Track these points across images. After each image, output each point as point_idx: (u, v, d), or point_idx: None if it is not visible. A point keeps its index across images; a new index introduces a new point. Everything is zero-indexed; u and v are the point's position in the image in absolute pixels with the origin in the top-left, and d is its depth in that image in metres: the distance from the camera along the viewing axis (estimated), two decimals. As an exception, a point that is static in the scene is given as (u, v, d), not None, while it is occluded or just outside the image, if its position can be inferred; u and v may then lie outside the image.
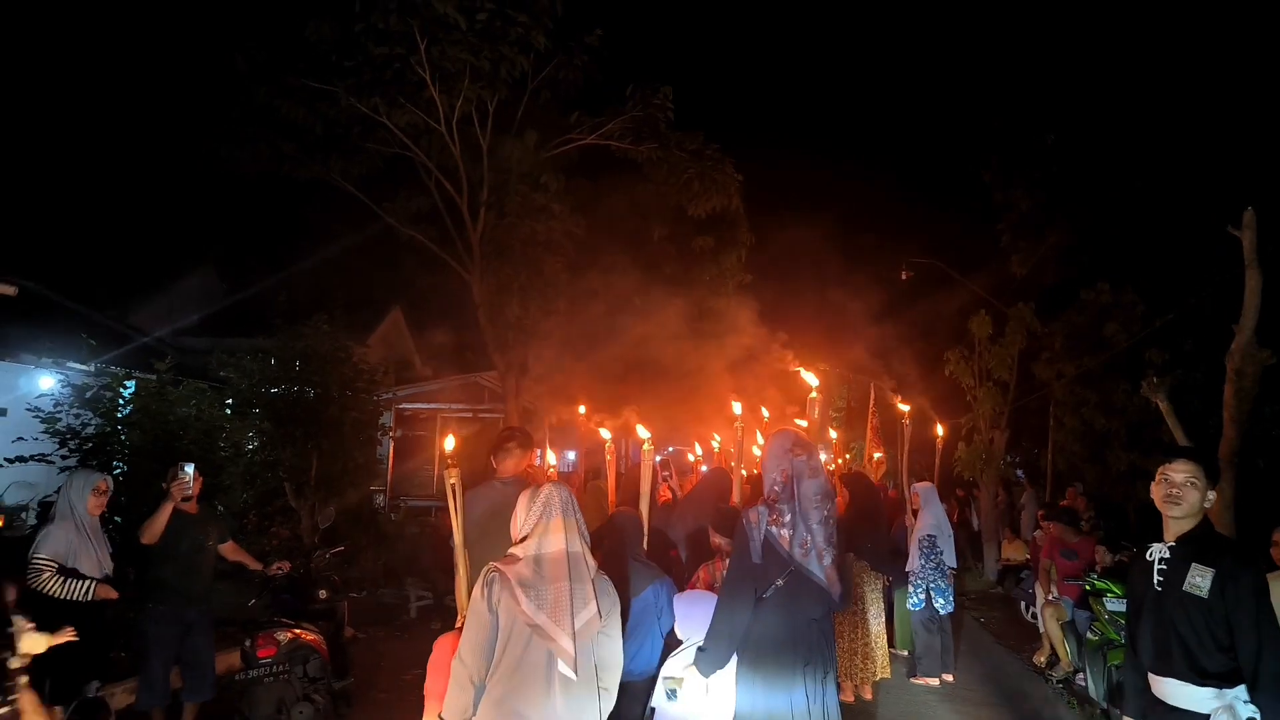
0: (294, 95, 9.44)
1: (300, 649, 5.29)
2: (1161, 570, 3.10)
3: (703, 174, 11.57)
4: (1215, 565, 2.94)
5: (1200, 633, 2.93)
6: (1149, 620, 3.14)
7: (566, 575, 2.77)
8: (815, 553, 3.38)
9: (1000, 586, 12.73)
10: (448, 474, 3.49)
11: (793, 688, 3.33)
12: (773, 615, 3.37)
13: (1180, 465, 3.11)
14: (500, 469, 4.26)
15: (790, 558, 3.37)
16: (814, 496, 3.44)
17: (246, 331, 14.39)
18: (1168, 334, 11.28)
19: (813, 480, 3.47)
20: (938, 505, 7.59)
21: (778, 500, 3.46)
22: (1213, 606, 2.90)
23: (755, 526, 3.43)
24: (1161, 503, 3.13)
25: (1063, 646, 7.44)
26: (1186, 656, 2.96)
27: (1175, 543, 3.10)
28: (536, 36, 9.38)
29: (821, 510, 3.44)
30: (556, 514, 2.85)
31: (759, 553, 3.39)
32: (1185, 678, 2.96)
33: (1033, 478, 15.78)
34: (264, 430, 9.75)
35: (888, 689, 7.07)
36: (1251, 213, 6.63)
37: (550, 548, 2.80)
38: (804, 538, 3.40)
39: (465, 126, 10.21)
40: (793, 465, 3.49)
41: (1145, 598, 3.18)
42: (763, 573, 3.38)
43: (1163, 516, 3.18)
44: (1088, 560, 7.44)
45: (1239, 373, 6.83)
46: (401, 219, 11.26)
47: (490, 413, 15.21)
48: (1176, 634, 2.98)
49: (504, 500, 3.94)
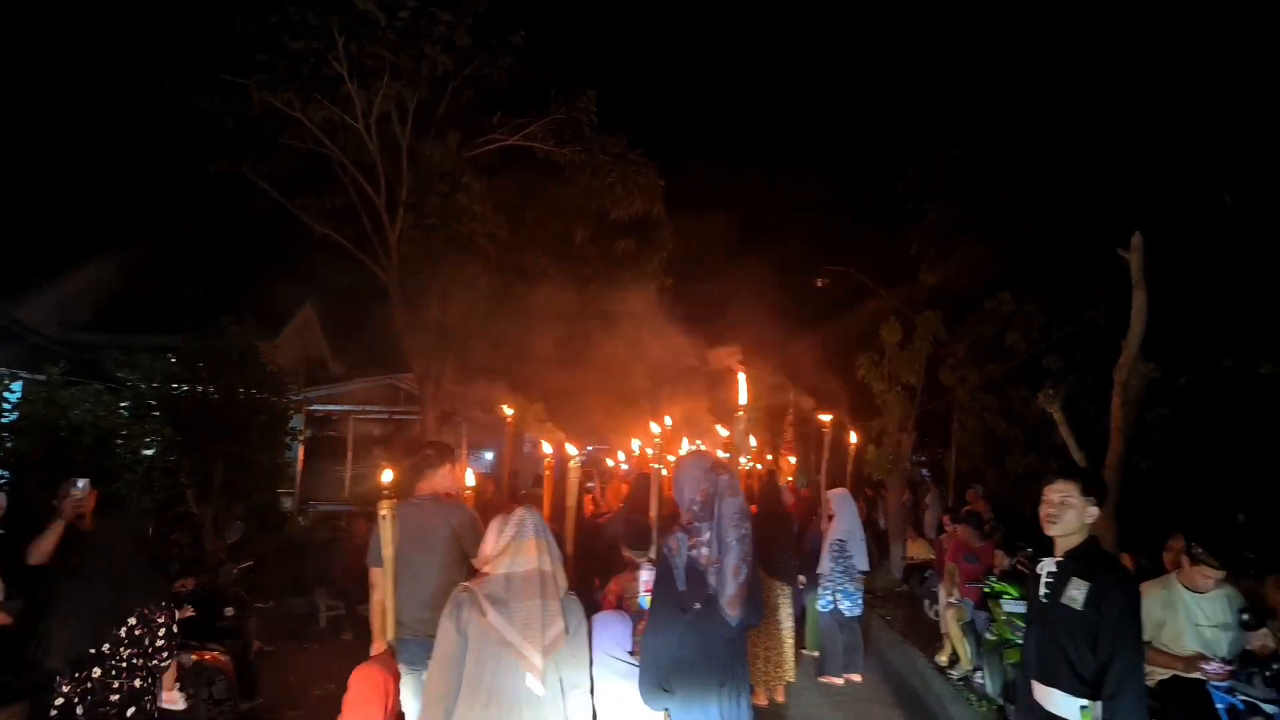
0: (204, 87, 9.06)
1: (205, 671, 5.11)
2: (1048, 583, 3.29)
3: (626, 178, 11.61)
4: (1091, 580, 3.13)
5: (1078, 644, 3.11)
6: (1035, 631, 3.35)
7: (538, 593, 2.82)
8: (729, 571, 3.40)
9: (905, 584, 13.19)
10: (380, 506, 3.48)
11: (707, 707, 3.36)
12: (690, 635, 3.38)
13: (1058, 485, 3.30)
14: (418, 487, 4.16)
15: (708, 574, 3.38)
16: (733, 515, 3.46)
17: (146, 328, 13.78)
18: (1064, 343, 11.88)
19: (733, 499, 3.50)
20: (851, 511, 7.83)
21: (694, 520, 3.47)
22: (1087, 619, 3.09)
23: (677, 554, 3.43)
24: (1043, 522, 3.33)
25: (962, 646, 7.79)
26: (1067, 666, 3.13)
27: (1062, 558, 3.28)
28: (460, 36, 9.25)
29: (740, 529, 3.46)
30: (530, 535, 2.91)
31: (684, 580, 3.40)
32: (1064, 687, 3.14)
33: (937, 478, 16.41)
34: (164, 434, 9.33)
35: (797, 691, 7.25)
36: (1139, 236, 7.05)
37: (522, 566, 2.85)
38: (717, 555, 3.42)
39: (384, 124, 9.99)
40: (715, 484, 3.51)
41: (1033, 609, 3.39)
42: (688, 597, 3.39)
43: None
44: (988, 564, 7.78)
45: (1125, 385, 7.27)
46: (316, 217, 10.93)
47: (407, 415, 14.91)
48: (1057, 645, 3.17)
49: (421, 521, 3.90)
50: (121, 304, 16.06)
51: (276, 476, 11.27)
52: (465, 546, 3.92)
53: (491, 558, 2.91)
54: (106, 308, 16.24)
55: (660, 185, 12.04)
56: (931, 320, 13.82)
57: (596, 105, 10.88)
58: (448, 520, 3.94)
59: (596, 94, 10.84)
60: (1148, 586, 4.47)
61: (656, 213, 12.85)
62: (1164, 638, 4.25)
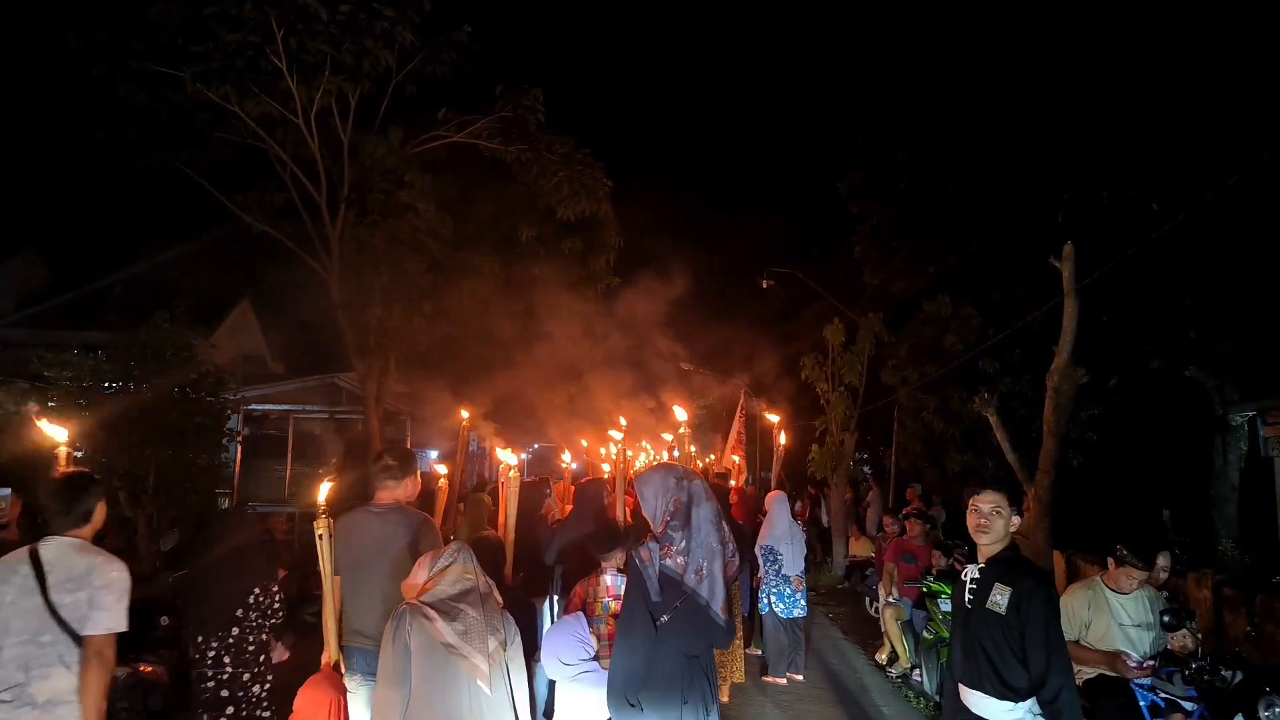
0: (134, 78, 8.76)
1: (140, 683, 4.97)
2: (971, 589, 3.38)
3: (573, 177, 11.56)
4: (1014, 585, 3.23)
5: (1001, 648, 3.21)
6: (960, 635, 3.44)
7: (479, 605, 2.89)
8: (710, 580, 3.43)
9: (847, 582, 13.44)
10: (317, 525, 3.48)
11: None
12: (657, 652, 3.39)
13: (987, 496, 3.39)
14: (379, 495, 4.01)
15: (682, 583, 3.41)
16: (712, 519, 3.52)
17: (75, 324, 13.29)
18: (999, 346, 12.23)
19: (708, 504, 3.55)
20: (784, 515, 7.91)
21: (668, 529, 3.48)
22: (1010, 623, 3.20)
23: (649, 565, 3.43)
24: (973, 531, 3.43)
25: (901, 644, 7.98)
26: (991, 670, 3.23)
27: (985, 564, 3.39)
28: (402, 32, 9.10)
29: (720, 532, 3.52)
30: (464, 562, 3.00)
31: (658, 590, 3.40)
32: (989, 690, 3.24)
33: (878, 476, 16.74)
34: (94, 436, 9.02)
35: (740, 690, 7.34)
36: (1070, 246, 7.28)
37: (460, 586, 2.93)
38: (699, 564, 3.43)
39: (325, 119, 9.79)
40: (689, 491, 3.53)
41: (959, 614, 3.49)
42: (660, 607, 3.40)
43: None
44: (926, 564, 7.98)
45: (1057, 390, 7.52)
46: (254, 213, 10.66)
47: (348, 415, 14.66)
48: (982, 649, 3.27)
49: (379, 532, 3.85)
50: (48, 299, 15.45)
51: (213, 477, 10.98)
52: None
53: (423, 584, 2.96)
54: (32, 303, 15.62)
55: (607, 185, 12.03)
56: (873, 322, 14.09)
57: (544, 103, 10.80)
58: (411, 531, 3.86)
59: (543, 92, 10.76)
60: (1073, 588, 4.64)
61: (603, 212, 12.84)
62: (1090, 637, 4.40)
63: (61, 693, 2.98)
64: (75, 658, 2.99)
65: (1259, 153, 7.26)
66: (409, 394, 12.87)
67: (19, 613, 3.00)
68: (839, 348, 14.23)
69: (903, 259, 14.78)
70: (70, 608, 3.01)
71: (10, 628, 3.00)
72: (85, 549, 3.13)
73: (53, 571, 3.04)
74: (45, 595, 3.00)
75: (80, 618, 3.00)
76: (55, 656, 2.99)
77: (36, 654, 2.98)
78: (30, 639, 2.98)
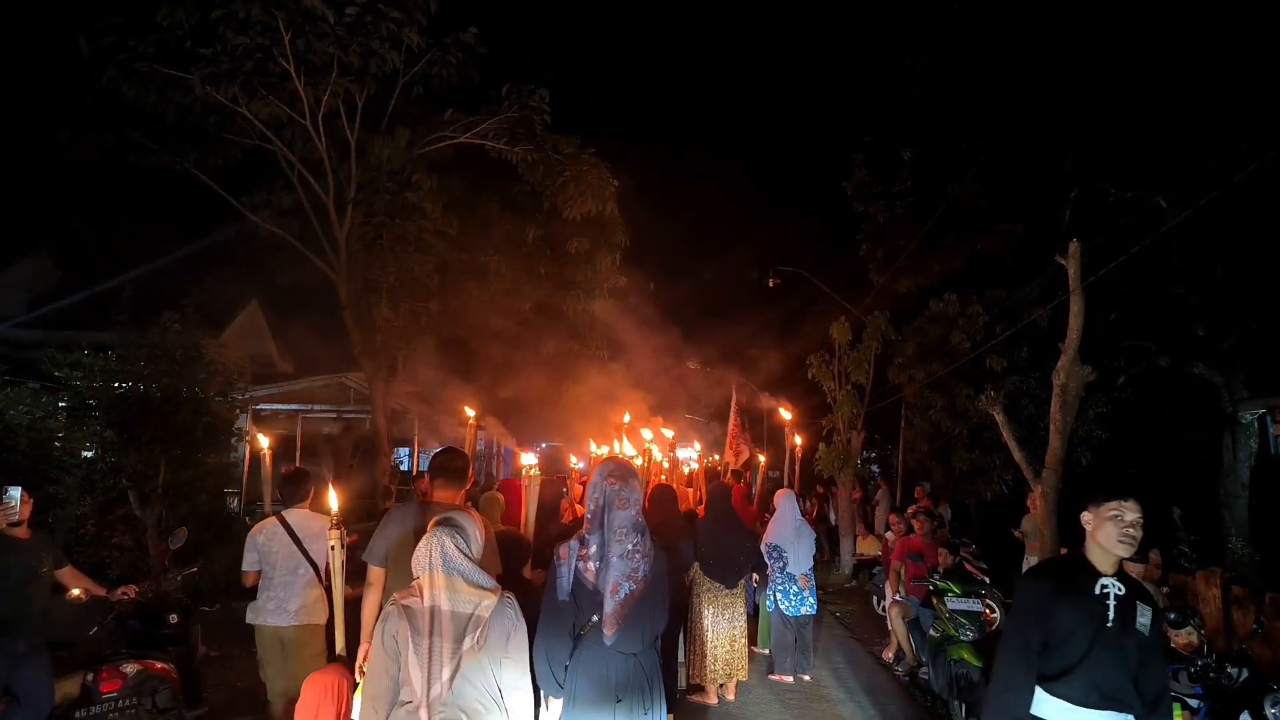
0: (143, 80, 8.82)
1: (149, 680, 5.00)
2: (1116, 608, 2.99)
3: (579, 177, 11.58)
4: (1151, 604, 3.01)
5: (1136, 669, 2.96)
6: (1097, 655, 2.98)
7: (428, 631, 2.77)
8: (607, 589, 3.23)
9: (855, 580, 13.43)
10: (331, 535, 3.58)
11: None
12: (586, 651, 3.27)
13: (1133, 505, 3.01)
14: (437, 494, 4.05)
15: (597, 591, 3.24)
16: (619, 528, 3.30)
17: (86, 325, 13.35)
18: (1007, 344, 12.20)
19: (622, 511, 3.32)
20: (791, 514, 7.90)
21: (589, 530, 3.33)
22: (1153, 644, 2.97)
23: (564, 562, 3.30)
24: (1116, 541, 3.00)
25: (908, 642, 7.97)
26: (1134, 689, 2.96)
27: (1114, 577, 3.03)
28: (409, 33, 9.14)
29: (625, 544, 3.28)
30: (424, 570, 2.84)
31: (568, 590, 3.27)
32: (1129, 710, 2.96)
33: (886, 475, 16.71)
34: (105, 436, 9.09)
35: (747, 689, 7.35)
36: (1076, 244, 7.26)
37: (425, 602, 2.80)
38: (602, 570, 3.26)
39: (332, 120, 9.85)
40: (604, 494, 3.34)
41: (1087, 633, 2.99)
42: (574, 609, 3.27)
43: (1090, 548, 3.09)
44: (932, 562, 7.96)
45: (1064, 387, 7.50)
46: (262, 214, 10.72)
47: (357, 414, 14.72)
48: (1128, 670, 2.96)
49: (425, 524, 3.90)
50: (59, 300, 15.56)
51: (223, 477, 11.04)
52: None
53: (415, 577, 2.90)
54: (42, 303, 15.74)
55: (613, 185, 12.04)
56: (880, 320, 14.07)
57: (551, 105, 10.83)
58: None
59: (549, 92, 10.79)
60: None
61: (609, 212, 12.87)
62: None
63: (307, 604, 4.97)
64: (315, 583, 5.01)
65: (1265, 149, 7.22)
66: (416, 393, 12.90)
67: (283, 556, 4.97)
68: (846, 346, 14.22)
69: (909, 258, 14.74)
70: (316, 552, 4.98)
71: (278, 565, 4.96)
72: (313, 516, 5.10)
73: (300, 529, 5.00)
74: (300, 544, 4.98)
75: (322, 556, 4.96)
76: (305, 583, 4.99)
77: (293, 581, 4.96)
78: (289, 572, 4.97)
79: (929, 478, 14.16)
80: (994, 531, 12.09)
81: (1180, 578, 8.37)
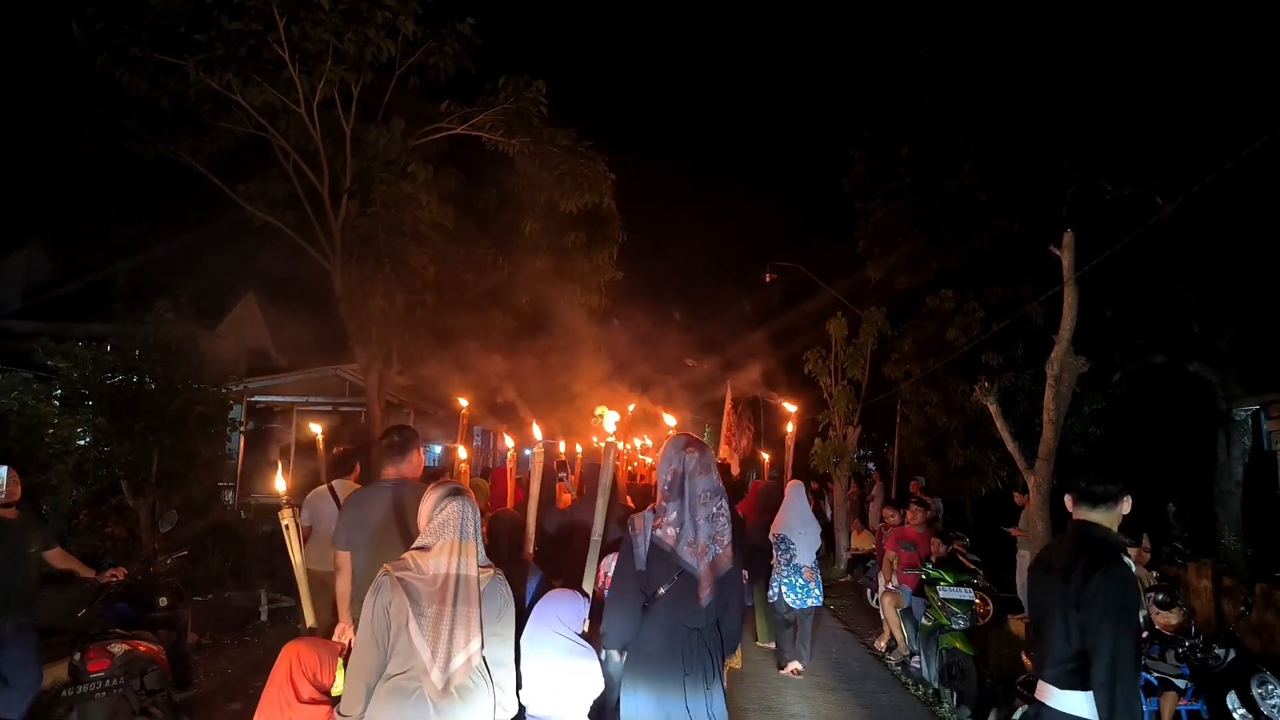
0: (137, 67, 8.78)
1: (137, 660, 4.98)
2: None
3: (575, 170, 11.53)
4: None
5: None
6: None
7: (450, 599, 2.75)
8: (698, 549, 3.35)
9: (849, 575, 13.44)
10: (282, 515, 3.67)
11: (672, 698, 3.31)
12: (653, 624, 3.35)
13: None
14: (385, 471, 4.11)
15: (675, 554, 3.35)
16: (703, 493, 3.42)
17: (79, 315, 13.35)
18: (1002, 339, 12.21)
19: (703, 476, 3.45)
20: (799, 505, 7.90)
21: (665, 500, 3.44)
22: None
23: (640, 533, 3.40)
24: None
25: (900, 631, 7.98)
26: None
27: None
28: (405, 22, 9.11)
29: (709, 507, 3.42)
30: (451, 535, 2.83)
31: (644, 559, 3.37)
32: None
33: (881, 470, 16.71)
34: (98, 425, 9.06)
35: (742, 678, 7.35)
36: (1070, 235, 7.27)
37: (438, 569, 2.78)
38: (690, 535, 3.37)
39: (327, 109, 9.81)
40: (684, 462, 3.46)
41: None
42: (648, 579, 3.36)
43: None
44: (925, 551, 7.97)
45: (1058, 379, 7.49)
46: (257, 203, 10.68)
47: (352, 407, 14.69)
48: None
49: (389, 505, 3.92)
50: (51, 290, 15.53)
51: (216, 468, 11.02)
52: None
53: (417, 545, 2.86)
54: (36, 293, 15.71)
55: (610, 178, 12.00)
56: (876, 316, 14.08)
57: (548, 97, 10.78)
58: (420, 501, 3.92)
59: (546, 84, 10.74)
60: None
61: (607, 206, 12.84)
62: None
63: None
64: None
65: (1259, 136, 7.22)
66: (412, 385, 12.87)
67: (327, 516, 5.49)
68: (842, 342, 14.24)
69: (905, 254, 14.75)
70: None
71: (323, 522, 5.63)
72: (353, 486, 5.60)
73: (341, 496, 5.20)
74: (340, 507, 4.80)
75: None
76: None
77: None
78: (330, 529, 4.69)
79: (924, 473, 14.16)
80: (988, 527, 12.11)
81: (1172, 571, 8.38)
